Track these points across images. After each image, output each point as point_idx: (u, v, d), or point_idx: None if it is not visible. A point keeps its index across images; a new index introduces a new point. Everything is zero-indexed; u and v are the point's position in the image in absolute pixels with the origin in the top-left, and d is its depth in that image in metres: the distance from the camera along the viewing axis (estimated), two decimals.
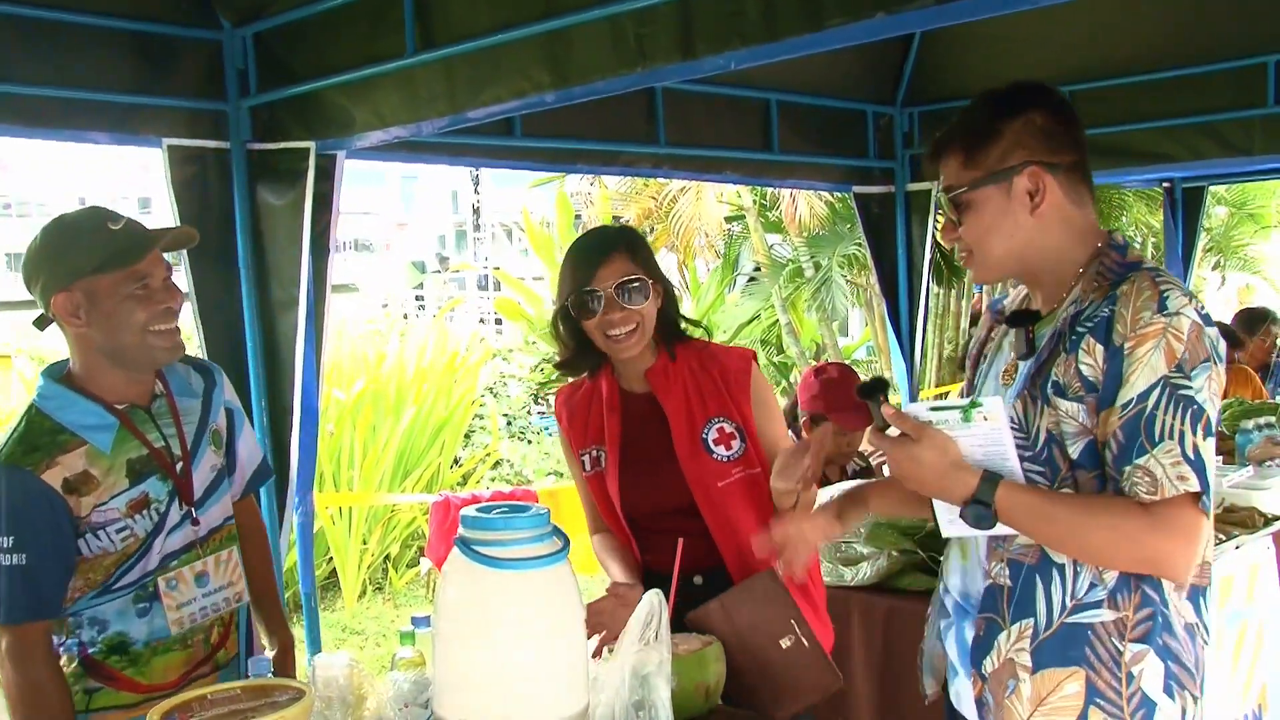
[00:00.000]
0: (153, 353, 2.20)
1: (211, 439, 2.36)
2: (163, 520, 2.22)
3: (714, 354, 2.52)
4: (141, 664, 2.23)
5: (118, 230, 2.15)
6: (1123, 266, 1.81)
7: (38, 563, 2.10)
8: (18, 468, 2.11)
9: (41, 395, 2.21)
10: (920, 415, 1.79)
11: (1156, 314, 1.69)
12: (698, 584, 2.43)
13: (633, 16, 2.45)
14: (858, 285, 11.14)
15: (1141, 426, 1.68)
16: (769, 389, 2.54)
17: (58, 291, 2.14)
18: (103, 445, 2.17)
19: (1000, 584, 1.87)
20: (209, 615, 2.30)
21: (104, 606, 2.19)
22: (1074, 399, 1.76)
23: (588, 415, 2.56)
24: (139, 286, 2.15)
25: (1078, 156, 1.87)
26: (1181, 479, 1.67)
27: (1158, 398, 1.68)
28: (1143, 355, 1.69)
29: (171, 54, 3.20)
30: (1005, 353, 1.97)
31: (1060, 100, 1.88)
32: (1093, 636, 1.78)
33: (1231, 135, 4.45)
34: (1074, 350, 1.76)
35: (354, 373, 8.50)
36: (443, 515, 5.28)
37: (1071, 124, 1.87)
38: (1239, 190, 13.40)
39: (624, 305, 2.38)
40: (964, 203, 1.87)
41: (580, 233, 3.31)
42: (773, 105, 4.77)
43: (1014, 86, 1.88)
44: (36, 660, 2.12)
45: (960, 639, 1.97)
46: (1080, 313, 1.79)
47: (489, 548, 1.72)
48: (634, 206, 12.34)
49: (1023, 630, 1.83)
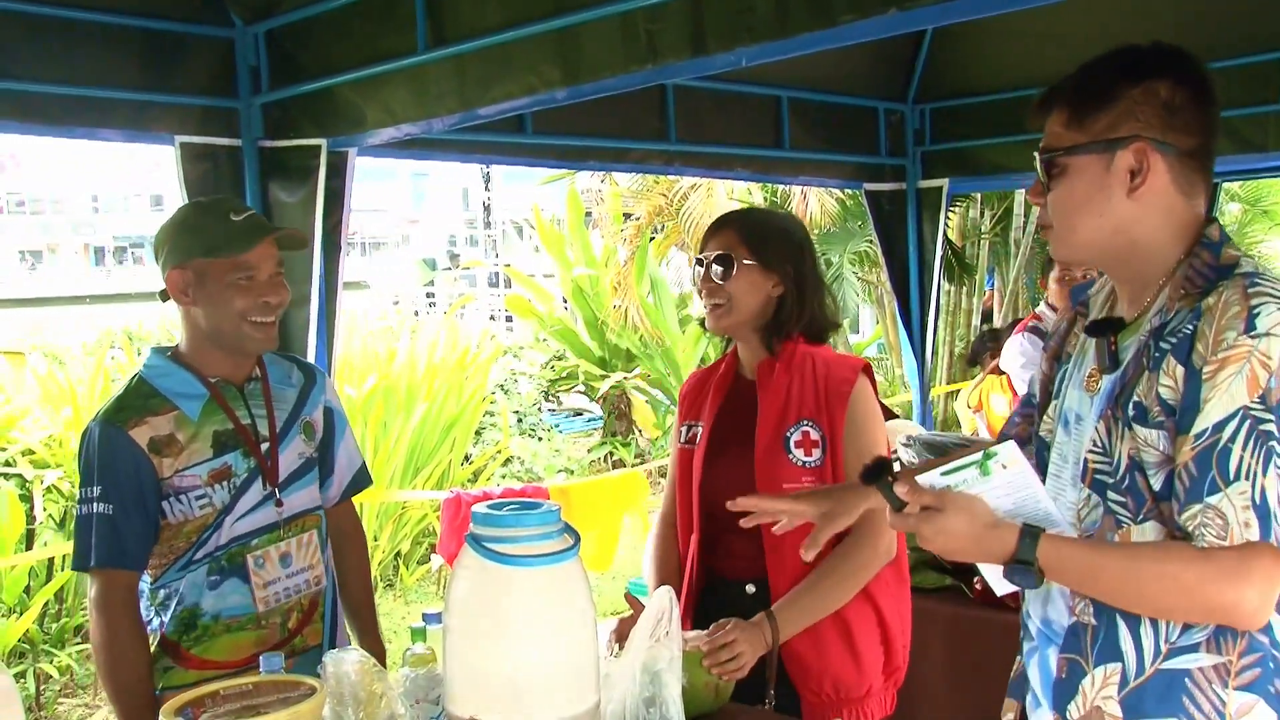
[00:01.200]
0: (246, 341, 2.34)
1: (303, 429, 2.48)
2: (239, 495, 2.33)
3: (827, 360, 2.48)
4: (209, 639, 2.33)
5: (237, 221, 2.31)
6: (1214, 270, 1.61)
7: (122, 513, 2.25)
8: (110, 423, 2.27)
9: (147, 365, 2.39)
10: (936, 483, 1.63)
11: (1243, 335, 1.50)
12: (751, 593, 2.43)
13: (644, 13, 2.44)
14: (869, 282, 11.13)
15: (1214, 461, 1.51)
16: (871, 404, 2.44)
17: (173, 268, 2.31)
18: (191, 413, 2.32)
19: (1085, 622, 1.68)
20: (291, 596, 2.41)
21: (184, 579, 2.31)
22: (1154, 425, 1.58)
23: (700, 392, 2.61)
24: (244, 276, 2.30)
25: (1201, 141, 1.65)
26: (1246, 525, 1.49)
27: (1234, 430, 1.50)
28: (1223, 382, 1.51)
29: (183, 51, 3.20)
30: (1090, 357, 1.76)
31: (1198, 74, 1.65)
32: (1190, 684, 1.59)
33: (1246, 131, 4.41)
34: (1156, 369, 1.59)
35: (365, 370, 8.51)
36: (453, 512, 5.28)
37: (1203, 103, 1.64)
38: (1253, 187, 13.36)
39: (711, 278, 2.44)
40: (1059, 167, 1.68)
41: (591, 230, 3.34)
42: (784, 102, 4.76)
43: (1150, 47, 1.66)
44: (118, 611, 2.26)
45: (1044, 668, 1.78)
46: (1165, 324, 1.61)
47: (500, 544, 1.73)
48: (645, 203, 12.31)
49: (1108, 675, 1.65)
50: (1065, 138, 1.68)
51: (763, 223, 2.53)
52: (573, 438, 12.12)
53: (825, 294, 2.55)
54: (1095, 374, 1.73)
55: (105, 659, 2.27)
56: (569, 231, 13.83)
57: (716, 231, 2.49)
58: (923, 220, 5.29)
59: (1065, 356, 1.86)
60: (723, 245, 2.45)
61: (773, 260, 2.45)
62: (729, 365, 2.59)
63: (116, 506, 2.24)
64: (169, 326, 11.76)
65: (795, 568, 2.35)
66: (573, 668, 1.77)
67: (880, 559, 2.40)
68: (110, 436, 2.27)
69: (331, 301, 3.38)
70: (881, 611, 2.45)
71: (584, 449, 11.80)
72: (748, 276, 2.43)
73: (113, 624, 2.25)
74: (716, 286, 2.44)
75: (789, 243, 2.50)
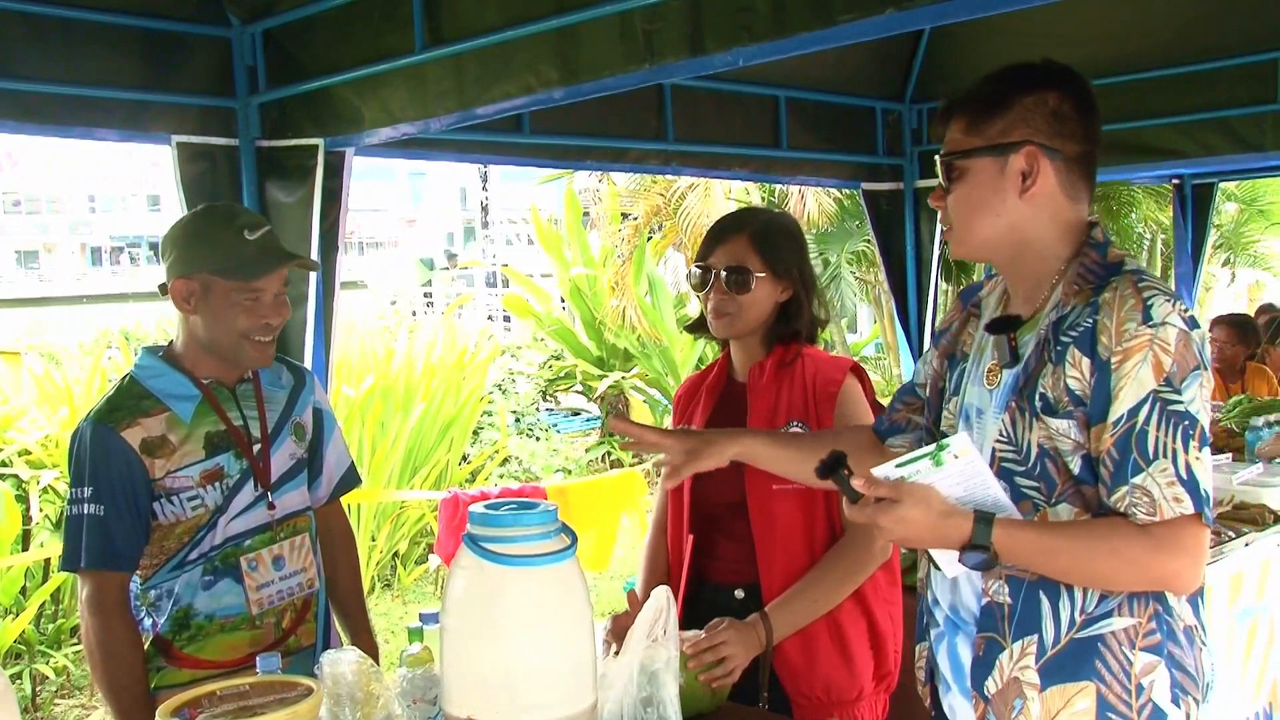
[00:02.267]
0: (243, 358, 2.36)
1: (293, 430, 2.49)
2: (231, 496, 2.34)
3: (817, 360, 2.48)
4: (204, 638, 2.33)
5: (251, 241, 2.30)
6: (1104, 268, 1.75)
7: (113, 514, 2.25)
8: (102, 424, 2.28)
9: (139, 366, 2.39)
10: (891, 475, 1.70)
11: (1142, 325, 1.64)
12: (739, 598, 2.42)
13: (642, 13, 2.44)
14: (866, 282, 11.13)
15: (1134, 444, 1.64)
16: (859, 404, 2.44)
17: (179, 277, 2.31)
18: (183, 414, 2.32)
19: (999, 602, 1.79)
20: (284, 599, 2.42)
21: (178, 580, 2.31)
22: (1064, 415, 1.70)
23: (693, 397, 2.61)
24: (250, 296, 2.30)
25: (1085, 149, 1.80)
26: (1177, 500, 1.62)
27: (1148, 414, 1.63)
28: (1130, 370, 1.64)
29: (180, 51, 3.20)
30: (989, 353, 1.88)
31: (1081, 87, 1.80)
32: (1103, 649, 1.73)
33: (1243, 131, 4.42)
34: (1060, 362, 1.71)
35: (363, 369, 8.51)
36: (451, 512, 5.27)
37: (1087, 114, 1.80)
38: (1249, 186, 13.35)
39: (724, 289, 2.42)
40: (957, 170, 1.81)
41: (588, 229, 3.34)
42: (781, 102, 4.76)
43: (1039, 63, 1.81)
44: (111, 612, 2.27)
45: (953, 654, 1.90)
46: (1063, 319, 1.74)
47: (497, 544, 1.73)
48: (643, 203, 12.31)
49: (1025, 648, 1.76)
50: (963, 142, 1.81)
51: (772, 228, 2.50)
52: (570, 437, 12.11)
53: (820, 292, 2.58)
54: (995, 369, 1.84)
55: (99, 659, 2.27)
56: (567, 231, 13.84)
57: (725, 238, 2.45)
58: (920, 220, 5.29)
59: (960, 355, 1.97)
60: (735, 255, 2.42)
61: (782, 268, 2.45)
62: (720, 369, 2.59)
63: (108, 507, 2.24)
64: (165, 327, 11.76)
65: (785, 573, 2.36)
66: (570, 668, 1.77)
67: (875, 560, 2.39)
68: (102, 437, 2.27)
69: (329, 301, 3.37)
70: (873, 613, 2.44)
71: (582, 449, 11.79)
72: (762, 288, 2.43)
73: (105, 624, 2.26)
74: (729, 298, 2.42)
75: (795, 247, 2.51)
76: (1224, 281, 15.68)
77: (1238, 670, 3.46)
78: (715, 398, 2.56)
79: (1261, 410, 4.69)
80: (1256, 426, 4.48)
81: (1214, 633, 3.30)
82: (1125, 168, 5.28)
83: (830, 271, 10.66)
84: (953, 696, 1.91)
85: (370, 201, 47.30)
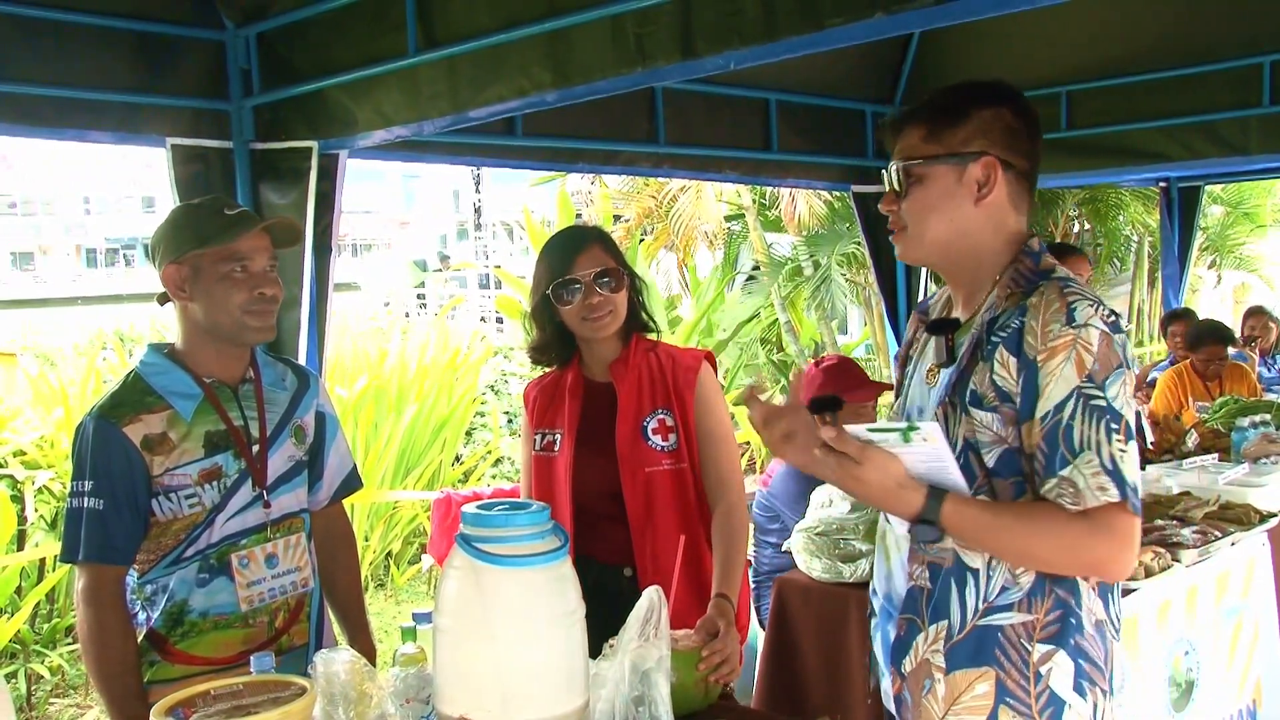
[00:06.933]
0: (245, 332, 2.36)
1: (294, 433, 2.50)
2: (229, 495, 2.35)
3: (672, 353, 2.69)
4: (197, 635, 2.35)
5: (229, 214, 2.33)
6: (1034, 275, 1.84)
7: (112, 509, 2.27)
8: (105, 419, 2.29)
9: (144, 362, 2.41)
10: (861, 436, 1.78)
11: (1065, 326, 1.72)
12: (628, 576, 2.57)
13: (634, 16, 2.46)
14: (856, 284, 11.17)
15: (1060, 438, 1.72)
16: (716, 389, 2.67)
17: (168, 264, 2.33)
18: (184, 412, 2.34)
19: (921, 586, 1.89)
20: (276, 597, 2.43)
21: (173, 576, 2.33)
22: (989, 409, 1.79)
23: (551, 400, 2.73)
24: (238, 267, 2.31)
25: (1030, 165, 1.90)
26: (1102, 489, 1.69)
27: (1073, 409, 1.71)
28: (1055, 368, 1.72)
29: (175, 54, 3.21)
30: (930, 354, 1.98)
31: (1029, 108, 1.91)
32: (1002, 638, 1.82)
33: (1229, 134, 4.46)
34: (989, 360, 1.79)
35: (356, 370, 8.51)
36: (444, 512, 5.27)
37: (1035, 133, 1.90)
38: (1235, 189, 13.43)
39: (600, 292, 2.55)
40: (916, 175, 1.88)
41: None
42: (772, 104, 4.79)
43: (993, 81, 1.91)
44: (105, 604, 2.29)
45: (884, 639, 2.01)
46: (994, 320, 1.82)
47: (490, 544, 1.74)
48: (634, 205, 12.35)
49: (938, 632, 1.86)
50: (923, 149, 1.88)
51: (606, 234, 2.73)
52: None
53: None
54: (934, 369, 1.94)
55: (92, 649, 2.29)
56: None
57: (583, 248, 2.58)
58: None
59: (910, 359, 2.10)
60: (597, 261, 2.57)
61: (626, 267, 2.64)
62: (575, 373, 2.70)
63: (107, 502, 2.26)
64: (160, 328, 11.74)
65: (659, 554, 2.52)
66: (562, 667, 1.78)
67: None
68: (104, 432, 2.28)
69: (322, 303, 3.39)
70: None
71: None
72: (622, 285, 2.60)
73: (99, 615, 2.28)
74: (606, 299, 2.55)
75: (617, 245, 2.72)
76: (1210, 283, 15.75)
77: (1222, 667, 3.49)
78: (579, 399, 2.68)
79: (1247, 411, 4.73)
80: (1242, 427, 4.52)
81: (1200, 630, 3.34)
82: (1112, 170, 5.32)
83: (821, 273, 10.68)
84: (881, 675, 2.04)
85: (363, 203, 47.21)
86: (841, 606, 3.24)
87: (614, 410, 2.61)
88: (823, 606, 3.32)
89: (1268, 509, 3.72)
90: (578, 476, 2.62)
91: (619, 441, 2.59)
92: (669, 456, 2.58)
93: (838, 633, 3.25)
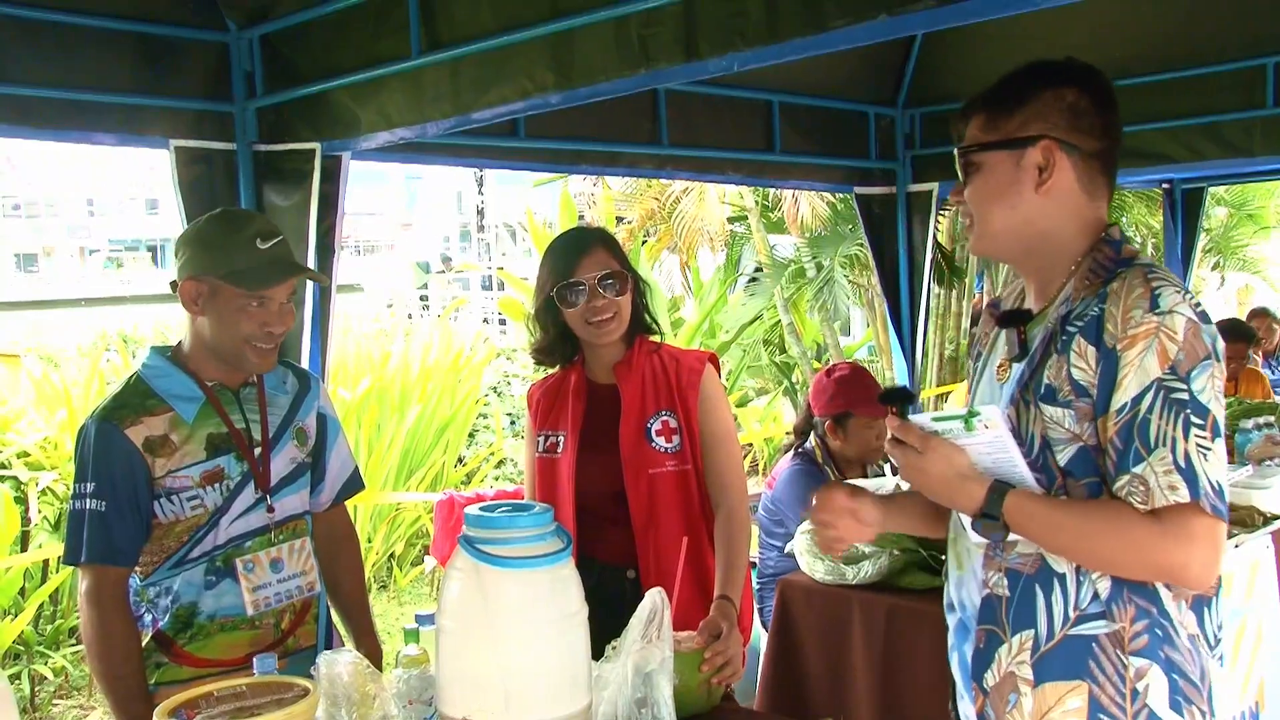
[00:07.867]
0: (245, 362, 2.38)
1: (295, 435, 2.51)
2: (233, 497, 2.36)
3: (675, 354, 2.70)
4: (204, 638, 2.36)
5: (263, 250, 2.32)
6: (1115, 262, 1.74)
7: (115, 511, 2.28)
8: (107, 422, 2.31)
9: (145, 365, 2.43)
10: (925, 426, 1.73)
11: (1148, 313, 1.61)
12: (630, 578, 2.57)
13: (637, 18, 2.46)
14: (859, 285, 11.14)
15: (1136, 432, 1.61)
16: (719, 390, 2.68)
17: (189, 278, 2.34)
18: (186, 415, 2.35)
19: (999, 594, 1.77)
20: (283, 601, 2.44)
21: (178, 578, 2.34)
22: (1062, 404, 1.69)
23: (554, 402, 2.73)
24: (256, 304, 2.32)
25: (1103, 145, 1.78)
26: (1172, 488, 1.59)
27: (1151, 401, 1.60)
28: (1134, 358, 1.61)
29: (178, 55, 3.22)
30: (1000, 349, 1.89)
31: (1102, 85, 1.79)
32: (1096, 649, 1.70)
33: (1232, 136, 4.45)
34: (1065, 352, 1.69)
35: (359, 372, 8.52)
36: (447, 514, 5.28)
37: (1106, 111, 1.78)
38: (1238, 191, 13.42)
39: (604, 295, 2.54)
40: (973, 164, 1.81)
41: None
42: (775, 106, 4.78)
43: (1060, 60, 1.80)
44: (108, 605, 2.30)
45: (962, 660, 1.88)
46: (1071, 311, 1.72)
47: (492, 546, 1.74)
48: (637, 207, 12.33)
49: (1023, 642, 1.74)
50: (980, 138, 1.81)
51: (610, 236, 2.74)
52: None
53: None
54: (1005, 364, 1.84)
55: (96, 650, 2.30)
56: None
57: (587, 251, 2.58)
58: (913, 224, 5.31)
59: (980, 355, 2.01)
60: (601, 264, 2.57)
61: (629, 268, 2.64)
62: (579, 375, 2.70)
63: (109, 504, 2.27)
64: (163, 329, 11.75)
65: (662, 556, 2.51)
66: (565, 669, 1.78)
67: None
68: (106, 434, 2.29)
69: (325, 304, 3.39)
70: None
71: None
72: (627, 287, 2.60)
73: (103, 617, 2.29)
74: (611, 301, 2.56)
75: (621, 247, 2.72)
76: (1214, 285, 15.73)
77: (1225, 669, 3.48)
78: (583, 401, 2.68)
79: (1251, 412, 4.72)
80: (1246, 429, 4.51)
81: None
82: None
83: (824, 275, 10.66)
84: (960, 698, 1.90)
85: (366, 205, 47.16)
86: (844, 608, 3.24)
87: (617, 412, 2.62)
88: (825, 608, 3.32)
89: (1272, 511, 3.71)
90: (581, 478, 2.62)
91: (622, 443, 2.59)
92: (672, 458, 2.59)
93: (840, 635, 3.25)
